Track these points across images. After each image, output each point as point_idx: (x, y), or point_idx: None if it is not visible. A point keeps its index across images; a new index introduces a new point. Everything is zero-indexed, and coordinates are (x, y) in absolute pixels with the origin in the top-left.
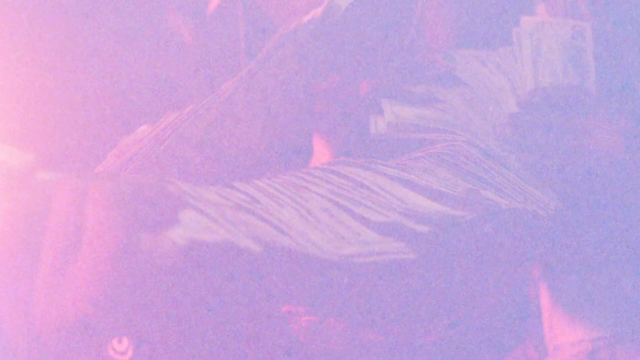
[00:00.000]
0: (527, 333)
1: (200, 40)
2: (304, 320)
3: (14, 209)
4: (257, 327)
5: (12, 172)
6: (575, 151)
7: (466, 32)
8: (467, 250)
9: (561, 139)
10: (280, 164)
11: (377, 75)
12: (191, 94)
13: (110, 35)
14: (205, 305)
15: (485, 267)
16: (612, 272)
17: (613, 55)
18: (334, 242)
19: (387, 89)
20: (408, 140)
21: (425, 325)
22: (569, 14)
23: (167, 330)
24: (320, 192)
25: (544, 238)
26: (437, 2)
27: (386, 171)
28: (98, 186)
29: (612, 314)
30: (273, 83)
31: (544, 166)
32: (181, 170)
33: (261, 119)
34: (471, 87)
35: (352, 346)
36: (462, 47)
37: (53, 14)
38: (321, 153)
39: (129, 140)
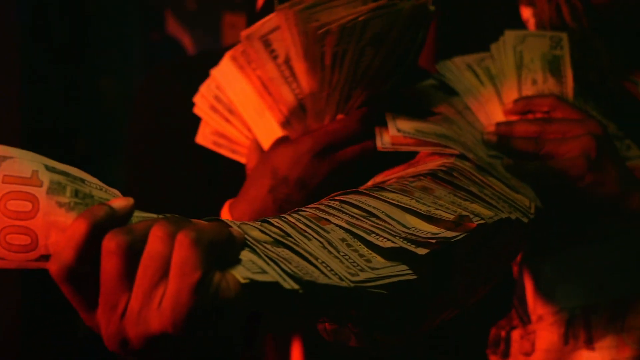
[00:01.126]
0: (512, 306)
1: None
2: (327, 325)
3: (120, 244)
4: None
5: (115, 213)
6: (551, 154)
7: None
8: (461, 256)
9: (539, 143)
10: None
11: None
12: None
13: None
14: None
15: (476, 266)
16: (583, 253)
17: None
18: (350, 269)
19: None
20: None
21: (431, 320)
22: (554, 20)
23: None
24: (339, 222)
25: (525, 237)
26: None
27: (391, 198)
28: (184, 232)
29: (584, 288)
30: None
31: (524, 169)
32: None
33: None
34: (462, 98)
35: (368, 344)
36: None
37: None
38: None
39: None
